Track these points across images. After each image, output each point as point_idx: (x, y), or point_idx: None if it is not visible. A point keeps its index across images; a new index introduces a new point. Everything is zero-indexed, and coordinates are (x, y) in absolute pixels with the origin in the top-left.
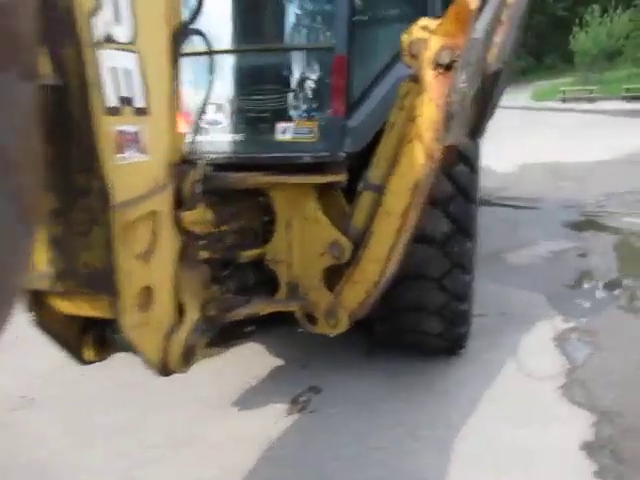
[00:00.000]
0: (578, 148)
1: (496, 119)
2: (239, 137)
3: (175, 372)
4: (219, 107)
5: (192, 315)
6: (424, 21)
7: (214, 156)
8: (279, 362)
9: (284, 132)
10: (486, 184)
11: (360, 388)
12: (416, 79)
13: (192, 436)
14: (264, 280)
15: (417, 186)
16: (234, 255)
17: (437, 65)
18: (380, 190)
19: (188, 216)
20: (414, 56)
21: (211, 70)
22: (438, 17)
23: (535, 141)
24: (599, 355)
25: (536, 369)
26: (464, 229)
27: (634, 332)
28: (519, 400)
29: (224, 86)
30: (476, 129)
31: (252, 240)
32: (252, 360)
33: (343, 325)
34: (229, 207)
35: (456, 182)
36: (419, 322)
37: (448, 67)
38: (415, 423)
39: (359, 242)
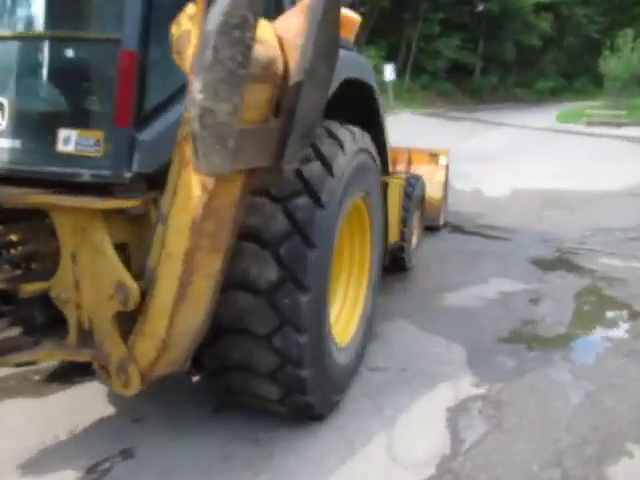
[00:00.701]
0: (587, 176)
1: (505, 139)
2: (16, 143)
3: None
4: None
5: None
6: (192, 8)
7: None
8: (109, 412)
9: (66, 142)
10: (465, 209)
11: (185, 455)
12: None
13: None
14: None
15: (195, 224)
16: (12, 287)
17: None
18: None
19: None
20: (179, 54)
21: None
22: None
23: (541, 166)
24: (495, 437)
25: (409, 450)
26: (296, 278)
27: (549, 409)
28: None
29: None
30: (280, 154)
31: (42, 270)
32: (78, 406)
33: (135, 384)
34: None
35: (292, 218)
36: (250, 384)
37: None
38: None
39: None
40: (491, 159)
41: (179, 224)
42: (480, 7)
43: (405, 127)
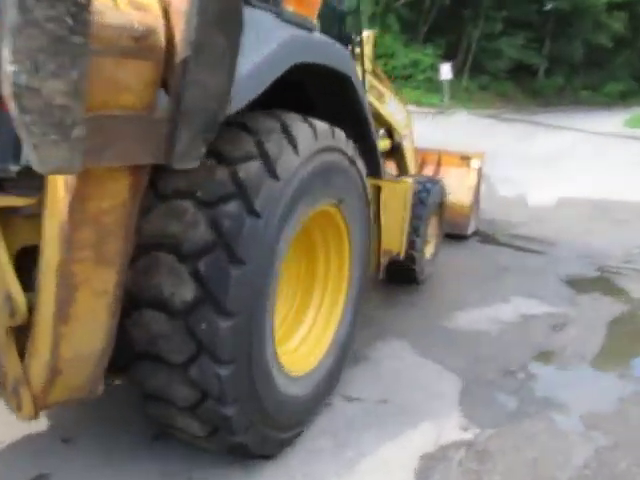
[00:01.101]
0: None
1: (563, 144)
2: None
3: None
4: None
5: None
6: None
7: None
8: (42, 427)
9: None
10: (502, 217)
11: None
12: None
13: None
14: None
15: (63, 231)
16: None
17: None
18: None
19: None
20: None
21: None
22: None
23: (596, 173)
24: None
25: None
26: (216, 299)
27: (545, 467)
28: None
29: None
30: (171, 149)
31: None
32: (14, 419)
33: (28, 409)
34: None
35: (217, 227)
36: (171, 418)
37: None
38: None
39: None
40: (543, 164)
41: (50, 231)
42: (549, 5)
43: (458, 127)
